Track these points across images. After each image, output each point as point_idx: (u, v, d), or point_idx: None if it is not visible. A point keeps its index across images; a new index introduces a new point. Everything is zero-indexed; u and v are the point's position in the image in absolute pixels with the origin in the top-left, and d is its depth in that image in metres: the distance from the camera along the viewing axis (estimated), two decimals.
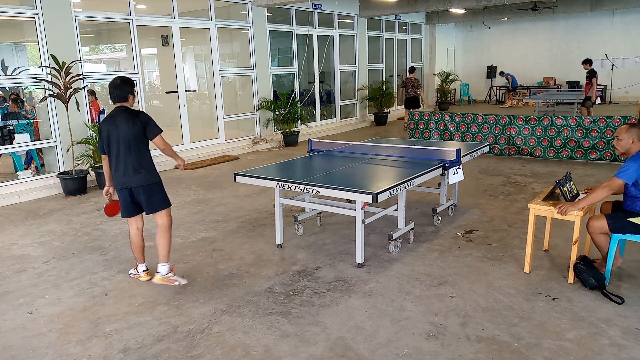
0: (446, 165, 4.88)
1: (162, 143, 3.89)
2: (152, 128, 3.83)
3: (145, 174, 3.87)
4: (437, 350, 3.04)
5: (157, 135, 3.84)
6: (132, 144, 3.80)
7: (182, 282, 3.99)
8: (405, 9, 13.48)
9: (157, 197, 3.96)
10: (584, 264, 3.74)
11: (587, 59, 11.74)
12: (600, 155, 8.15)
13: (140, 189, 3.88)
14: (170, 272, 3.98)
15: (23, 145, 7.48)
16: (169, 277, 3.95)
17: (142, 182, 3.86)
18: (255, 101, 10.99)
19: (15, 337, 3.36)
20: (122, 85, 3.83)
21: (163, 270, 3.96)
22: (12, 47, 13.50)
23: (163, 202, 3.99)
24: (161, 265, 3.97)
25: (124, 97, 3.84)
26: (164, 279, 3.95)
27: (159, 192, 3.97)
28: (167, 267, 3.97)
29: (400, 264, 4.35)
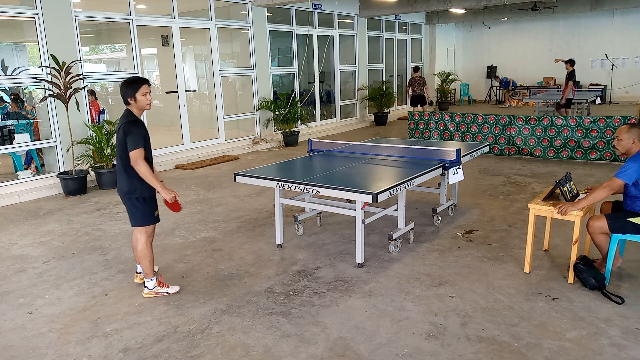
0: (446, 165, 4.88)
1: (133, 160, 3.54)
2: (129, 140, 3.54)
3: (124, 183, 3.68)
4: (437, 350, 3.04)
5: (131, 150, 3.53)
6: (120, 150, 3.63)
7: (171, 291, 3.88)
8: (405, 9, 13.47)
9: (132, 212, 3.76)
10: (584, 264, 3.74)
11: (571, 59, 11.75)
12: (600, 155, 8.16)
13: (122, 197, 3.75)
14: (157, 285, 3.87)
15: (23, 145, 7.48)
16: (156, 291, 3.85)
17: (122, 193, 3.72)
18: (255, 101, 10.99)
19: (15, 337, 3.36)
20: (123, 87, 3.66)
21: (149, 285, 3.85)
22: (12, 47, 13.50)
23: (135, 219, 3.76)
24: (147, 281, 3.86)
25: (125, 101, 3.68)
26: (151, 292, 3.85)
27: (134, 207, 3.72)
28: (152, 281, 3.86)
29: (400, 264, 4.35)
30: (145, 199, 3.72)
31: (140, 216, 3.76)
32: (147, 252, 3.81)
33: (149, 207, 3.76)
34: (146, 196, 3.71)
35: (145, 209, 3.74)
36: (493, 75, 19.35)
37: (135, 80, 3.66)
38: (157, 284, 3.88)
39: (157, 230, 5.46)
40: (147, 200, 3.74)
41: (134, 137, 3.54)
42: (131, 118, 3.62)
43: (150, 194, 3.74)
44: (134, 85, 3.63)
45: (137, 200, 3.71)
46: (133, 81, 3.66)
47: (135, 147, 3.53)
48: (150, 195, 3.74)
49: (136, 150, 3.53)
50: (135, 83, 3.64)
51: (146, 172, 3.58)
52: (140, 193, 3.69)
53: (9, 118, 8.69)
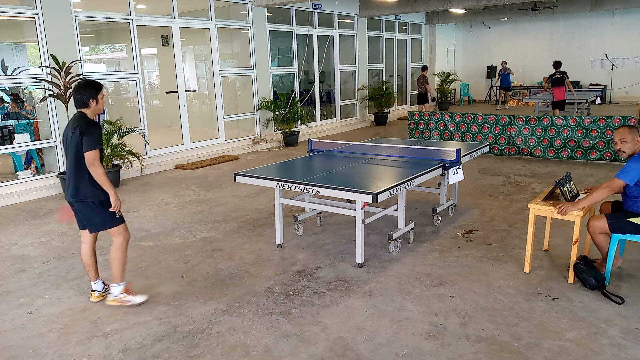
0: (446, 165, 4.88)
1: (89, 161, 3.38)
2: (86, 141, 3.37)
3: (78, 188, 3.50)
4: (437, 350, 3.04)
5: (88, 150, 3.37)
6: (72, 154, 3.46)
7: (136, 300, 3.70)
8: (405, 9, 13.47)
9: (92, 217, 3.59)
10: (584, 264, 3.74)
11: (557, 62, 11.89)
12: (600, 155, 8.15)
13: (75, 204, 3.59)
14: (124, 292, 3.70)
15: (23, 145, 7.48)
16: (120, 298, 3.68)
17: (73, 197, 3.54)
18: (255, 101, 10.99)
19: (15, 337, 3.36)
20: (82, 90, 3.49)
21: (115, 291, 3.69)
22: (12, 47, 13.50)
23: (104, 222, 3.60)
24: (113, 286, 3.70)
25: (82, 102, 3.49)
26: (116, 300, 3.69)
27: (98, 211, 3.55)
28: (119, 287, 3.69)
29: (400, 264, 4.35)
30: (102, 202, 3.54)
31: (100, 220, 3.58)
32: (120, 255, 3.65)
33: (107, 209, 3.56)
34: (103, 199, 3.53)
35: (104, 212, 3.56)
36: (493, 75, 19.34)
37: (94, 83, 3.56)
38: (123, 291, 3.70)
39: (157, 230, 5.46)
40: (104, 203, 3.54)
41: (92, 137, 3.40)
42: (87, 119, 3.48)
43: (105, 196, 3.54)
44: (95, 87, 3.53)
45: (94, 204, 3.53)
46: (92, 84, 3.55)
47: (94, 147, 3.40)
48: (106, 197, 3.54)
49: (94, 151, 3.39)
50: (95, 85, 3.54)
51: (102, 174, 3.43)
52: (97, 196, 3.51)
53: (9, 118, 8.69)
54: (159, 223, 5.72)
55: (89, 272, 3.81)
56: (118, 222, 3.63)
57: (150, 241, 5.14)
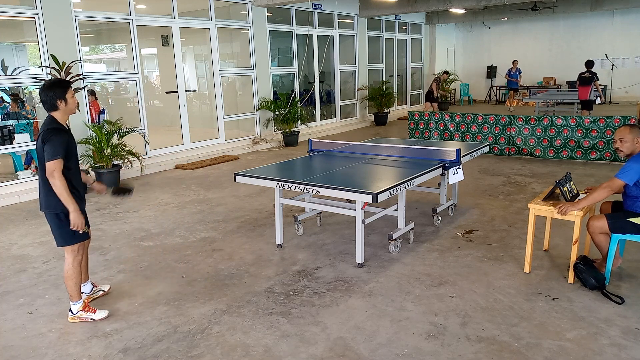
0: (446, 165, 4.88)
1: (49, 172, 3.13)
2: (47, 148, 3.13)
3: (46, 198, 3.29)
4: (437, 350, 3.04)
5: (48, 160, 3.12)
6: (39, 161, 3.26)
7: (96, 317, 3.49)
8: (405, 9, 13.47)
9: (54, 230, 3.39)
10: (584, 264, 3.74)
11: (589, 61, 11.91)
12: (600, 155, 8.15)
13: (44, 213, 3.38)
14: (82, 309, 3.49)
15: (23, 145, 7.48)
16: (80, 316, 3.49)
17: (42, 207, 3.34)
18: (255, 101, 10.99)
19: (15, 337, 3.36)
20: (47, 91, 3.22)
21: (74, 309, 3.49)
22: (12, 47, 13.50)
23: (62, 237, 3.37)
24: (72, 304, 3.50)
25: (51, 104, 3.24)
26: (75, 317, 3.50)
27: (58, 225, 3.34)
28: (77, 305, 3.49)
29: (400, 264, 4.35)
30: (60, 215, 3.30)
31: (65, 234, 3.35)
32: (72, 273, 3.43)
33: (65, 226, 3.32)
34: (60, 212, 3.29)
35: (64, 227, 3.32)
36: (493, 75, 19.33)
37: (60, 82, 3.35)
38: (81, 308, 3.50)
39: (157, 230, 5.46)
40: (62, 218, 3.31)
41: (52, 145, 3.13)
42: (53, 125, 3.23)
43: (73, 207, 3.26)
44: (63, 86, 3.29)
45: (62, 216, 3.30)
46: (58, 83, 3.32)
47: (54, 157, 3.12)
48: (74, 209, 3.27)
49: (54, 161, 3.13)
50: (63, 84, 3.32)
51: (61, 187, 3.16)
52: (63, 208, 3.25)
53: (9, 118, 8.69)
54: (159, 223, 5.72)
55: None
56: (73, 241, 3.39)
57: (150, 241, 5.14)
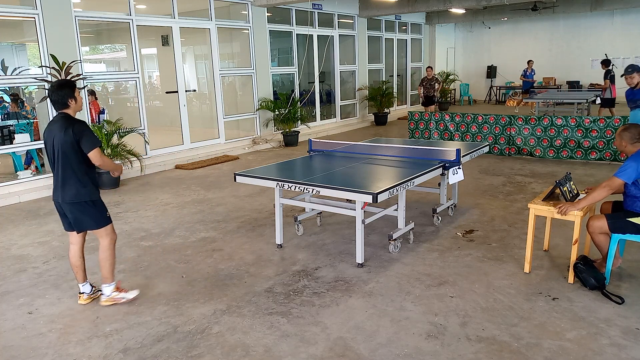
0: (446, 165, 4.88)
1: (98, 158, 3.48)
2: (87, 141, 3.42)
3: (74, 189, 3.50)
4: (437, 350, 3.04)
5: (92, 149, 3.44)
6: (63, 156, 3.45)
7: (129, 296, 3.76)
8: (405, 9, 13.47)
9: (86, 217, 3.59)
10: (584, 264, 3.74)
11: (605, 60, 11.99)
12: (600, 155, 8.16)
13: (65, 205, 3.56)
14: (115, 290, 3.74)
15: (23, 145, 7.48)
16: (113, 297, 3.72)
17: (68, 199, 3.52)
18: (255, 101, 10.99)
19: (15, 337, 3.36)
20: (59, 90, 3.46)
21: (106, 290, 3.72)
22: (12, 47, 13.50)
23: (96, 222, 3.61)
24: (105, 286, 3.73)
25: (63, 103, 3.47)
26: (109, 299, 3.73)
27: (91, 211, 3.58)
28: (110, 287, 3.73)
29: (400, 264, 4.35)
30: (95, 201, 3.59)
31: (93, 219, 3.60)
32: (109, 255, 3.68)
33: (99, 209, 3.63)
34: (95, 199, 3.60)
35: (96, 211, 3.60)
36: (493, 75, 19.33)
37: (68, 82, 3.56)
38: (114, 289, 3.74)
39: (157, 230, 5.47)
40: (97, 202, 3.61)
41: (90, 136, 3.46)
42: (77, 120, 3.49)
43: (97, 196, 3.62)
44: (70, 86, 3.51)
45: (87, 204, 3.55)
46: (66, 84, 3.53)
47: (96, 145, 3.46)
48: (98, 197, 3.63)
49: (97, 149, 3.46)
50: (70, 84, 3.53)
51: (108, 163, 3.63)
52: (90, 196, 3.56)
53: (9, 118, 8.69)
54: (159, 223, 5.72)
55: (77, 274, 3.79)
56: (107, 222, 3.66)
57: (150, 241, 5.14)
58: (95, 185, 3.61)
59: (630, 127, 3.68)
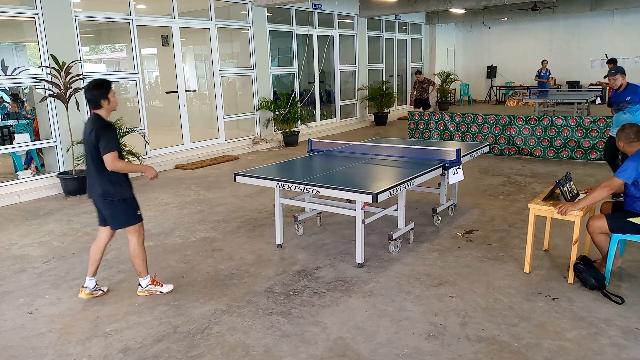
0: (446, 165, 4.88)
1: (109, 163, 3.47)
2: (103, 145, 3.46)
3: (102, 188, 3.59)
4: (437, 350, 3.04)
5: (105, 153, 3.45)
6: (91, 155, 3.55)
7: (164, 290, 3.91)
8: (405, 9, 13.47)
9: (115, 215, 3.69)
10: (584, 264, 3.75)
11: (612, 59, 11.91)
12: (600, 155, 8.15)
13: (99, 202, 3.69)
14: (151, 283, 3.89)
15: (23, 145, 7.47)
16: (149, 289, 3.89)
17: (97, 197, 3.65)
18: (255, 101, 10.98)
19: (15, 337, 3.36)
20: (92, 90, 3.54)
21: (143, 283, 3.88)
22: (12, 47, 13.50)
23: (125, 219, 3.70)
24: (141, 280, 3.88)
25: (96, 103, 3.55)
26: (145, 291, 3.89)
27: (121, 209, 3.67)
28: (146, 280, 3.88)
29: (400, 264, 4.35)
30: (126, 199, 3.68)
31: (123, 217, 3.70)
32: (139, 252, 3.79)
33: (131, 207, 3.71)
34: (126, 197, 3.68)
35: (127, 209, 3.70)
36: (493, 75, 19.32)
37: (104, 82, 3.59)
38: (150, 282, 3.89)
39: (157, 230, 5.47)
40: (128, 201, 3.70)
41: (107, 140, 3.47)
42: (102, 122, 3.54)
43: (129, 194, 3.71)
44: (105, 86, 3.57)
45: (118, 202, 3.65)
46: (102, 83, 3.58)
47: (110, 149, 3.46)
48: (130, 195, 3.71)
49: (111, 154, 3.46)
50: (105, 84, 3.58)
51: (125, 167, 3.61)
52: (121, 195, 3.64)
53: (9, 118, 8.69)
54: (159, 223, 5.72)
55: (90, 267, 3.87)
56: (137, 220, 3.76)
57: (150, 241, 5.14)
58: (125, 183, 3.67)
59: (626, 127, 3.69)
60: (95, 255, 3.86)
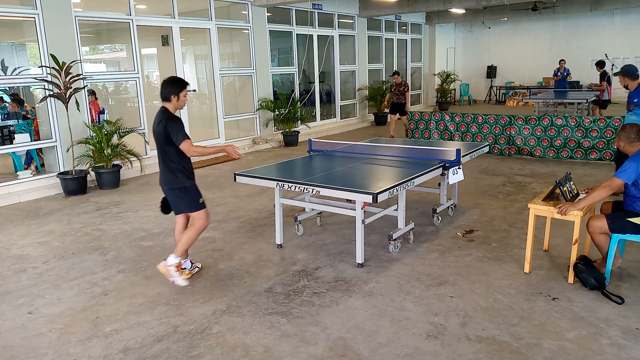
0: (446, 165, 4.88)
1: (188, 150, 3.80)
2: (175, 134, 3.74)
3: (169, 177, 3.88)
4: (437, 350, 3.04)
5: (181, 141, 3.75)
6: (160, 146, 3.84)
7: (180, 282, 3.97)
8: (405, 9, 13.47)
9: (181, 202, 3.97)
10: (584, 264, 3.75)
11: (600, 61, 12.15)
12: (600, 155, 8.15)
13: (166, 190, 3.98)
14: (176, 266, 3.98)
15: (23, 145, 7.47)
16: (170, 270, 3.94)
17: (166, 185, 3.94)
18: (255, 101, 10.98)
19: (15, 337, 3.36)
20: (167, 85, 3.86)
21: (169, 260, 3.97)
22: (12, 47, 13.50)
23: (189, 206, 3.98)
24: (171, 256, 3.99)
25: (166, 97, 3.85)
26: (165, 267, 3.96)
27: (186, 197, 3.95)
28: (176, 260, 3.98)
29: (400, 264, 4.35)
30: (187, 188, 3.93)
31: (184, 204, 3.97)
32: (194, 237, 4.03)
33: (191, 195, 3.96)
34: (188, 186, 3.93)
35: (188, 197, 3.95)
36: (493, 75, 19.32)
37: (180, 80, 3.90)
38: (176, 264, 3.98)
39: (157, 230, 5.47)
40: (189, 189, 3.95)
41: (178, 131, 3.74)
42: (169, 114, 3.82)
43: (190, 183, 3.95)
44: (180, 84, 3.86)
45: (179, 190, 3.92)
46: (178, 80, 3.89)
47: (183, 138, 3.74)
48: (191, 185, 3.96)
49: (185, 141, 3.74)
50: (181, 83, 3.88)
51: (201, 151, 3.92)
52: (183, 184, 3.90)
53: (9, 118, 8.69)
54: (159, 223, 5.72)
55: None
56: (200, 207, 3.99)
57: (150, 241, 5.14)
58: (186, 173, 3.91)
59: (627, 127, 3.69)
60: (178, 239, 4.11)
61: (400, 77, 10.99)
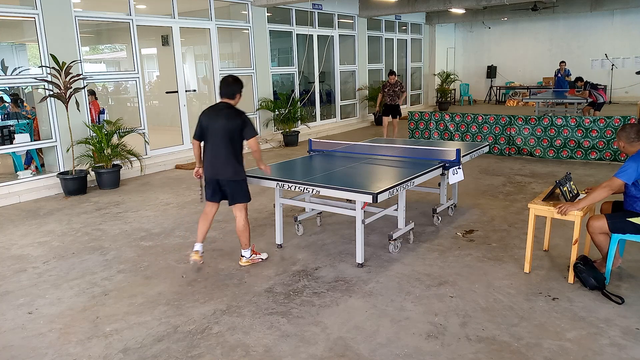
0: (446, 165, 4.88)
1: (255, 145, 4.13)
2: (249, 130, 4.07)
3: (234, 169, 4.13)
4: (437, 350, 3.04)
5: (252, 137, 4.09)
6: (226, 140, 4.06)
7: (263, 257, 4.49)
8: (405, 9, 13.47)
9: (240, 193, 4.24)
10: (584, 264, 3.75)
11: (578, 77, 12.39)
12: (600, 155, 8.15)
13: (227, 181, 4.18)
14: (252, 253, 4.41)
15: (23, 145, 7.47)
16: (252, 259, 4.40)
17: (229, 177, 4.15)
18: (255, 101, 10.98)
19: (15, 337, 3.36)
20: (232, 84, 4.16)
21: (246, 254, 4.38)
22: (12, 47, 13.50)
23: (245, 196, 4.29)
24: (244, 251, 4.38)
25: (231, 95, 4.15)
26: (247, 261, 4.39)
27: (243, 189, 4.25)
28: (248, 251, 4.38)
29: (400, 264, 4.35)
30: (245, 180, 4.28)
31: (244, 194, 4.27)
32: (247, 226, 4.34)
33: (247, 187, 4.31)
34: (245, 178, 4.28)
35: (247, 188, 4.29)
36: (493, 75, 19.33)
37: (240, 80, 4.23)
38: (252, 253, 4.41)
39: (157, 230, 5.47)
40: (245, 181, 4.29)
41: (252, 126, 4.12)
42: (240, 110, 4.16)
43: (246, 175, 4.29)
44: (241, 84, 4.23)
45: (243, 182, 4.24)
46: (239, 80, 4.22)
47: (256, 134, 4.13)
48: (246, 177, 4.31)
49: (257, 137, 4.13)
50: (241, 82, 4.23)
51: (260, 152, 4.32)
52: (244, 175, 4.26)
53: (9, 118, 8.69)
54: (159, 223, 5.72)
55: (200, 235, 4.39)
56: (249, 198, 4.34)
57: (150, 241, 5.14)
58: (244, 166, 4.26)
59: (627, 127, 3.69)
60: (203, 227, 4.38)
61: (395, 77, 10.52)
